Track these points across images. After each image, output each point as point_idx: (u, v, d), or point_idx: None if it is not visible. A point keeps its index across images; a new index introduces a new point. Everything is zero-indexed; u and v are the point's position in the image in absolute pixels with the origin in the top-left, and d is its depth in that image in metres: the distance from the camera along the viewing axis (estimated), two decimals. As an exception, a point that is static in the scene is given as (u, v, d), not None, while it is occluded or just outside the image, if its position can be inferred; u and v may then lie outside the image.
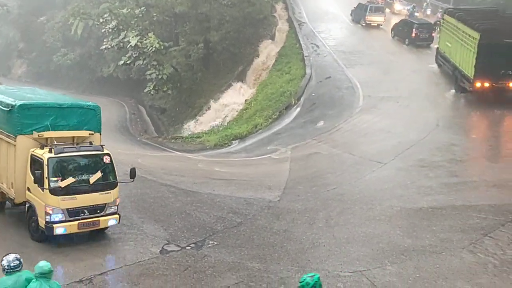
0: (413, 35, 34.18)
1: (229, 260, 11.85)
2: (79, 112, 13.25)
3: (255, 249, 12.54)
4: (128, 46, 37.09)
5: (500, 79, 22.71)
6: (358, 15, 42.01)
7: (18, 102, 12.45)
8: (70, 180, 11.86)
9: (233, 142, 26.37)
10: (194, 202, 16.15)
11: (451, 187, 15.48)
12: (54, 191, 11.64)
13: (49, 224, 11.66)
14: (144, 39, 36.54)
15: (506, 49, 22.00)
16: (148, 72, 37.99)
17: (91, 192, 12.10)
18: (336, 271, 10.97)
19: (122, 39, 37.83)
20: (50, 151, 11.91)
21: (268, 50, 38.49)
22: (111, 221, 12.53)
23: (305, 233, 13.37)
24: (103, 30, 40.40)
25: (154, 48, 36.25)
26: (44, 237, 12.07)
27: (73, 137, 12.89)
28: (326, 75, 30.25)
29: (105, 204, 12.34)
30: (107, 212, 12.40)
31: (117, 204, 12.71)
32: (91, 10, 47.53)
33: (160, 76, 37.53)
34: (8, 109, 12.54)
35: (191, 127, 35.55)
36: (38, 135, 12.35)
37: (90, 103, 14.11)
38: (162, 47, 37.04)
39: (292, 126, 24.84)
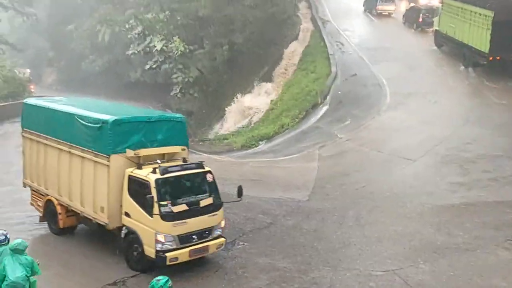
0: (420, 20, 36.29)
1: (260, 261, 11.89)
2: (167, 126, 12.08)
3: (285, 249, 12.56)
4: (154, 50, 37.50)
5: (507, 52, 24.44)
6: (370, 5, 43.52)
7: (111, 118, 11.15)
8: (183, 206, 10.70)
9: (260, 142, 26.36)
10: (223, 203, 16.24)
11: (483, 183, 15.19)
12: (166, 217, 10.36)
13: (161, 253, 10.41)
14: (170, 43, 36.89)
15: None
16: (174, 76, 38.35)
17: (200, 215, 10.89)
18: (367, 270, 10.90)
19: (148, 44, 38.26)
20: (154, 172, 10.59)
21: (293, 50, 38.35)
22: (220, 246, 11.42)
23: (335, 232, 13.32)
24: (129, 36, 40.92)
25: (179, 52, 36.58)
26: (148, 266, 10.89)
27: (164, 154, 11.61)
28: (351, 72, 30.00)
29: (212, 227, 11.23)
30: (214, 236, 11.30)
31: (222, 226, 11.61)
32: (117, 16, 48.26)
33: (186, 79, 37.85)
34: (97, 125, 11.23)
35: (218, 129, 35.72)
36: (135, 153, 11.06)
37: (177, 115, 13.18)
38: (187, 50, 37.36)
39: (319, 125, 24.71)
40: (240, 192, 11.67)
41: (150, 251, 10.58)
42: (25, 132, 14.34)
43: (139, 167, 10.97)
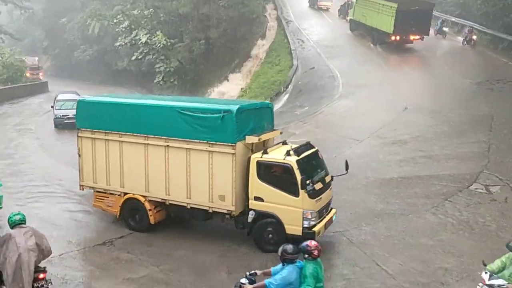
0: (348, 11, 39.07)
1: (226, 224, 11.92)
2: (265, 112, 11.38)
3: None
4: (139, 43, 36.79)
5: (407, 34, 30.06)
6: (313, 1, 46.57)
7: (234, 107, 10.07)
8: (319, 184, 10.11)
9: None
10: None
11: (416, 160, 15.59)
12: (311, 195, 9.76)
13: (307, 230, 9.66)
14: (153, 36, 36.19)
15: (412, 14, 29.37)
16: (157, 66, 37.74)
17: (326, 190, 10.37)
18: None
19: (134, 37, 37.44)
20: (288, 154, 9.80)
21: (260, 45, 38.19)
22: (334, 216, 10.78)
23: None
24: (117, 29, 39.92)
25: (161, 45, 35.96)
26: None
27: (268, 138, 10.86)
28: (310, 66, 30.09)
29: (330, 200, 10.75)
30: (330, 207, 10.80)
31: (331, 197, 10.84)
32: (106, 11, 46.82)
33: (167, 69, 37.30)
34: (218, 115, 10.03)
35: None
36: (259, 139, 10.19)
37: (268, 102, 12.02)
38: (168, 43, 36.75)
39: (281, 110, 24.78)
40: (347, 166, 10.68)
41: (294, 229, 9.69)
42: (85, 132, 11.72)
43: (265, 152, 10.04)
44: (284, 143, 10.93)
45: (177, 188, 10.64)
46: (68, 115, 23.74)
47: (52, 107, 26.31)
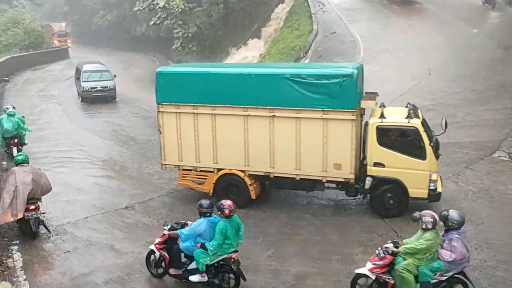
0: None
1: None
2: (363, 74, 10.77)
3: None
4: (157, 7, 36.34)
5: None
6: None
7: (352, 70, 9.46)
8: (436, 145, 9.81)
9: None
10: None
11: (439, 127, 15.26)
12: (437, 157, 9.62)
13: (433, 191, 9.62)
14: (171, 1, 35.66)
15: None
16: (175, 31, 37.40)
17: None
18: (337, 198, 11.08)
19: (151, 1, 37.00)
20: (410, 117, 9.47)
21: (280, 10, 37.28)
22: None
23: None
24: (135, -6, 39.50)
25: (180, 9, 35.47)
26: (405, 209, 9.81)
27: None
28: (331, 30, 29.33)
29: None
30: None
31: None
32: (124, -25, 46.26)
33: (185, 35, 36.95)
34: (338, 80, 9.35)
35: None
36: (381, 104, 10.07)
37: (361, 64, 10.99)
38: (187, 8, 36.22)
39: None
40: (446, 125, 10.03)
41: (419, 193, 9.59)
42: (167, 107, 10.66)
43: (383, 116, 9.61)
44: (383, 105, 10.28)
45: (284, 160, 10.06)
46: (96, 87, 22.84)
47: (77, 78, 24.04)
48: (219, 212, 7.18)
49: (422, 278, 6.68)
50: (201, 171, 10.79)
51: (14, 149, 14.03)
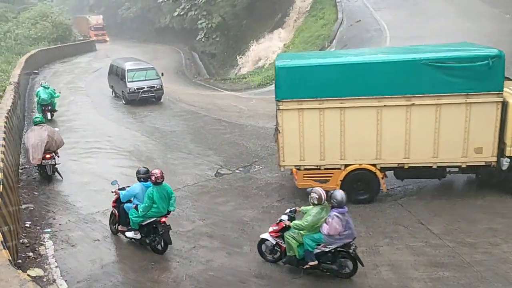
0: None
1: (272, 181, 12.12)
2: None
3: (293, 171, 12.69)
4: (181, -2, 36.52)
5: None
6: None
7: (498, 51, 9.22)
8: None
9: (274, 81, 26.04)
10: (241, 133, 16.37)
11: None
12: None
13: None
14: (195, -9, 35.76)
15: None
16: (199, 22, 37.49)
17: None
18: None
19: (176, -8, 37.19)
20: None
21: (304, -2, 36.87)
22: None
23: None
24: (159, -15, 39.74)
25: (204, 0, 35.50)
26: None
27: None
28: (356, 18, 28.87)
29: None
30: None
31: None
32: (149, -33, 46.60)
33: (210, 25, 37.01)
34: (486, 62, 9.11)
35: (238, 69, 35.27)
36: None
37: None
38: (211, -2, 36.25)
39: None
40: None
41: None
42: (288, 103, 9.90)
43: None
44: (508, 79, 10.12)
45: (421, 148, 9.78)
46: (143, 88, 20.75)
47: (121, 79, 21.45)
48: (149, 179, 8.52)
49: (305, 246, 7.59)
50: (325, 169, 10.25)
51: (48, 114, 18.05)
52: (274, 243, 8.06)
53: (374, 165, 10.08)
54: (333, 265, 7.60)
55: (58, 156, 12.42)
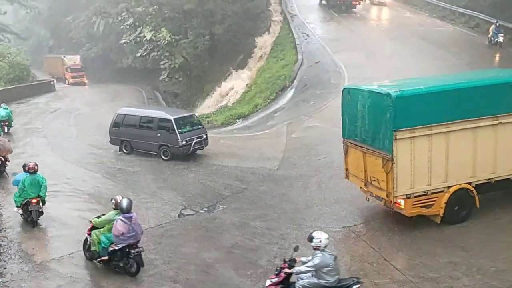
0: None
1: (236, 220, 12.00)
2: None
3: (258, 210, 12.68)
4: (144, 40, 36.77)
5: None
6: None
7: None
8: None
9: (237, 120, 26.33)
10: (205, 172, 16.25)
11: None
12: None
13: None
14: (158, 33, 36.16)
15: None
16: (162, 62, 37.76)
17: None
18: (327, 227, 11.08)
19: (138, 34, 37.44)
20: None
21: (265, 40, 38.05)
22: None
23: (300, 195, 13.49)
24: (121, 27, 39.91)
25: (166, 41, 35.94)
26: None
27: None
28: (315, 60, 29.96)
29: None
30: None
31: None
32: (111, 9, 46.90)
33: (172, 65, 37.32)
34: None
35: (201, 108, 35.45)
36: None
37: None
38: (173, 40, 36.72)
39: (287, 105, 24.75)
40: None
41: None
42: (403, 133, 9.83)
43: None
44: None
45: (507, 162, 10.59)
46: (193, 139, 17.93)
47: (167, 131, 17.79)
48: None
49: (101, 243, 9.24)
50: (431, 193, 10.31)
51: (5, 128, 22.39)
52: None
53: (470, 183, 10.52)
54: (120, 262, 9.09)
55: (8, 160, 15.40)
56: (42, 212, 11.75)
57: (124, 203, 8.93)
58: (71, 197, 14.12)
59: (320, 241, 7.31)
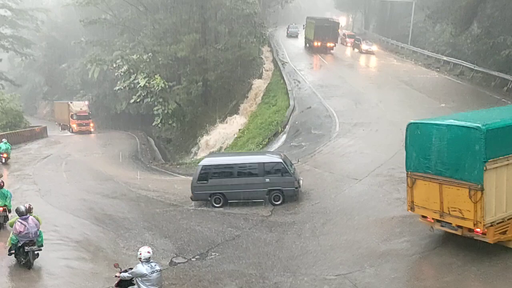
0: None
1: (229, 268, 11.68)
2: None
3: (251, 258, 12.37)
4: (137, 86, 37.29)
5: (323, 41, 46.18)
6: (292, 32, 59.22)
7: None
8: None
9: (230, 165, 26.20)
10: (197, 219, 15.98)
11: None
12: None
13: None
14: (152, 80, 36.75)
15: (325, 28, 45.78)
16: (155, 108, 38.11)
17: None
18: (322, 275, 10.82)
19: (132, 80, 38.02)
20: None
21: (257, 86, 38.80)
22: None
23: (294, 242, 13.23)
24: (116, 74, 40.59)
25: (160, 87, 36.46)
26: None
27: None
28: (307, 106, 30.42)
29: None
30: None
31: None
32: (106, 56, 47.85)
33: (165, 111, 37.67)
34: None
35: (194, 154, 35.44)
36: None
37: None
38: (167, 86, 37.29)
39: (279, 151, 24.79)
40: None
41: None
42: (492, 163, 10.36)
43: None
44: None
45: None
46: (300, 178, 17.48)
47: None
48: None
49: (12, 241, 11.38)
50: (508, 219, 10.64)
51: (3, 159, 26.07)
52: None
53: None
54: (21, 257, 11.17)
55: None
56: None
57: (22, 208, 11.53)
58: (59, 245, 13.67)
59: (141, 254, 8.68)
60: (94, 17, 45.11)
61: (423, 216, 11.60)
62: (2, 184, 14.33)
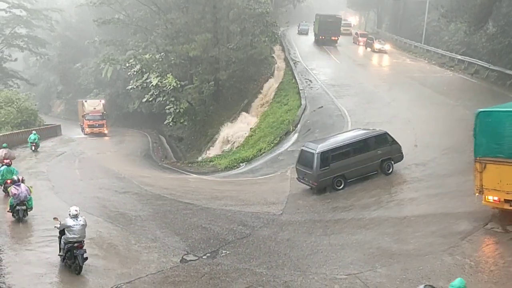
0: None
1: (240, 267, 11.70)
2: None
3: (262, 256, 12.38)
4: (150, 85, 37.55)
5: (327, 35, 51.23)
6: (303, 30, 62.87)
7: None
8: None
9: (241, 164, 26.31)
10: (208, 217, 16.04)
11: (431, 198, 15.28)
12: None
13: None
14: (164, 79, 36.97)
15: (328, 23, 50.84)
16: (167, 107, 38.34)
17: None
18: (333, 274, 10.79)
19: (145, 80, 38.30)
20: None
21: (269, 85, 38.81)
22: None
23: (305, 241, 13.20)
24: (129, 73, 40.93)
25: (172, 87, 36.67)
26: None
27: None
28: (318, 105, 30.34)
29: None
30: None
31: None
32: (119, 56, 48.28)
33: (177, 110, 37.87)
34: None
35: (205, 152, 35.57)
36: None
37: None
38: (179, 85, 37.49)
39: (291, 150, 24.78)
40: None
41: None
42: None
43: None
44: None
45: None
46: None
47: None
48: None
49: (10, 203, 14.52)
50: None
51: (33, 147, 28.93)
52: None
53: None
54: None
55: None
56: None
57: (15, 178, 15.21)
58: (72, 242, 13.84)
59: (70, 211, 11.14)
60: (108, 17, 45.53)
61: (487, 200, 12.16)
62: (10, 163, 17.82)
